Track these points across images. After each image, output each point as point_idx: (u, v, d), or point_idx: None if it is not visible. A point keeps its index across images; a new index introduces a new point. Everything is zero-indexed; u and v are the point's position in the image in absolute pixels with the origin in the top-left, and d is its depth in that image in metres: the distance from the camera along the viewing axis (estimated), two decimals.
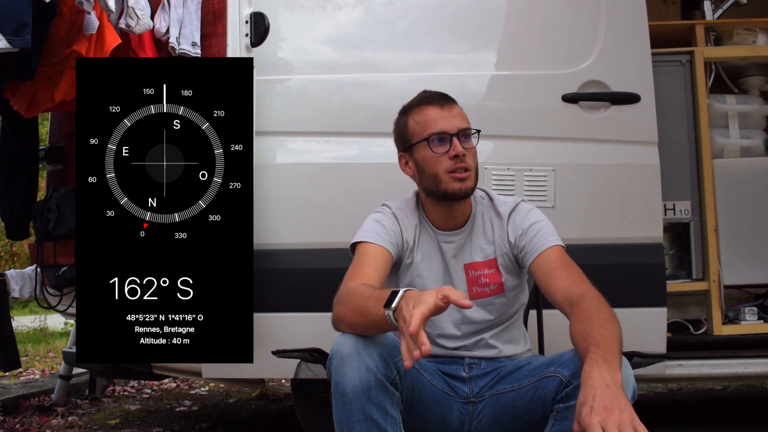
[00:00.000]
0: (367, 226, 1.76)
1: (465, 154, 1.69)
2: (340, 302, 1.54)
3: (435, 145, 1.71)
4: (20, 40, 2.00)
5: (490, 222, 1.79)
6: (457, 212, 1.76)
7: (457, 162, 1.68)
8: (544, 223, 1.74)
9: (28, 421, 3.18)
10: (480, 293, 1.75)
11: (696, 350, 2.58)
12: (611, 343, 1.36)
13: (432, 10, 2.49)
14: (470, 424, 1.66)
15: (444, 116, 1.71)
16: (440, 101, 1.74)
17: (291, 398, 2.78)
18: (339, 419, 1.43)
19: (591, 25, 2.42)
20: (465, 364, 1.74)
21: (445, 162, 1.69)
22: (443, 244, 1.78)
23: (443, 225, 1.78)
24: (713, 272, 2.70)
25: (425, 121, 1.73)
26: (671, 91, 2.73)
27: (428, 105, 1.74)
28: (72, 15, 2.17)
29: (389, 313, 1.35)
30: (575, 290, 1.56)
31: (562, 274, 1.62)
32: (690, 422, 3.06)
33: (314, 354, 1.67)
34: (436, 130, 1.71)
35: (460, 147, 1.68)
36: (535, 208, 1.79)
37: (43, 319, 7.27)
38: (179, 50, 2.27)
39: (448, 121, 1.71)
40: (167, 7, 2.26)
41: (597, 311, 1.46)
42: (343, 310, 1.50)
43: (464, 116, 1.74)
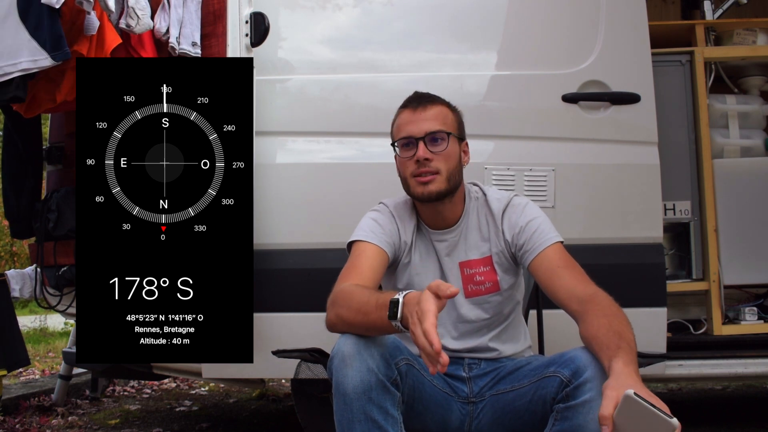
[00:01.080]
0: (364, 225, 1.76)
1: (430, 158, 1.69)
2: (335, 304, 1.54)
3: (402, 149, 1.73)
4: (60, 53, 2.05)
5: (485, 219, 1.78)
6: (444, 212, 1.76)
7: (419, 166, 1.69)
8: (542, 220, 1.73)
9: (28, 421, 3.18)
10: (475, 291, 1.75)
11: (696, 350, 2.58)
12: (634, 349, 1.37)
13: (432, 10, 2.49)
14: (470, 424, 1.66)
15: (413, 120, 1.72)
16: (415, 104, 1.74)
17: (291, 398, 2.78)
18: (340, 419, 1.43)
19: (591, 25, 2.42)
20: (465, 364, 1.74)
21: (411, 166, 1.71)
22: (436, 243, 1.78)
23: (433, 224, 1.79)
24: (713, 272, 2.70)
25: (398, 125, 1.76)
26: (671, 91, 2.74)
27: (404, 109, 1.76)
28: (72, 15, 2.17)
29: (397, 324, 1.37)
30: (584, 290, 1.55)
31: (566, 273, 1.62)
32: (690, 422, 3.05)
33: (314, 354, 1.67)
34: (403, 134, 1.73)
35: (423, 151, 1.69)
36: (531, 202, 1.79)
37: (43, 319, 7.27)
38: (179, 50, 2.27)
39: (417, 125, 1.71)
40: (167, 7, 2.26)
41: (618, 311, 1.46)
42: (340, 313, 1.50)
43: (440, 118, 1.73)
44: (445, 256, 1.77)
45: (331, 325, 1.54)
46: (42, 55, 2.05)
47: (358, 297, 1.49)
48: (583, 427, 1.37)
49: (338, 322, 1.51)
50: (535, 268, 1.68)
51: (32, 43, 2.05)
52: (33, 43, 2.05)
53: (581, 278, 1.60)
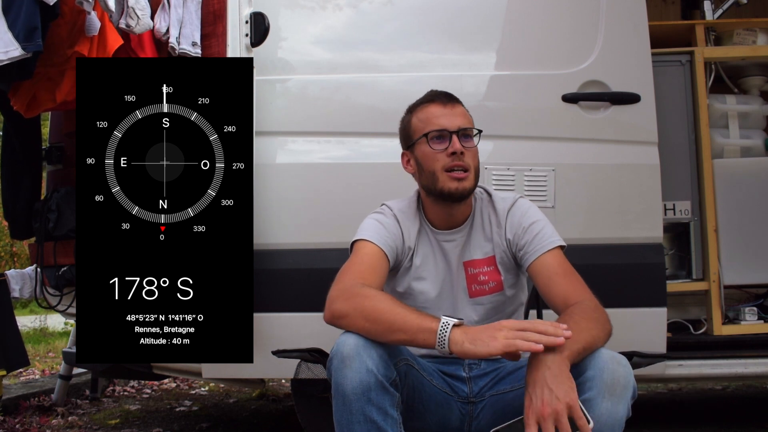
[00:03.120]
0: (368, 225, 1.75)
1: (464, 152, 1.68)
2: (345, 299, 1.51)
3: (434, 141, 1.70)
4: (32, 44, 2.01)
5: (489, 219, 1.78)
6: (457, 211, 1.76)
7: (454, 159, 1.67)
8: (544, 223, 1.73)
9: (28, 421, 3.18)
10: (479, 291, 1.75)
11: (696, 350, 2.58)
12: (579, 336, 1.39)
13: (432, 10, 2.49)
14: (470, 424, 1.66)
15: (446, 114, 1.71)
16: (444, 100, 1.74)
17: (291, 398, 2.78)
18: (339, 420, 1.43)
19: (591, 25, 2.42)
20: (465, 364, 1.74)
21: (443, 159, 1.68)
22: (444, 244, 1.77)
23: (443, 224, 1.78)
24: (713, 272, 2.70)
25: (427, 118, 1.73)
26: (671, 91, 2.74)
27: (432, 103, 1.74)
28: (73, 15, 2.16)
29: (444, 350, 1.40)
30: (575, 298, 1.56)
31: (563, 281, 1.62)
32: (690, 422, 3.06)
33: (314, 354, 1.67)
34: (436, 126, 1.70)
35: (459, 144, 1.68)
36: (534, 205, 1.78)
37: (43, 319, 7.27)
38: (179, 50, 2.27)
39: (449, 119, 1.70)
40: (167, 7, 2.26)
41: (583, 313, 1.48)
42: (351, 310, 1.48)
43: (467, 116, 1.74)
44: (454, 256, 1.77)
45: (335, 316, 1.52)
46: (14, 45, 2.02)
47: (384, 305, 1.48)
48: None
49: (348, 316, 1.49)
50: (533, 271, 1.68)
51: (8, 35, 2.03)
52: (8, 35, 2.03)
53: (577, 286, 1.60)
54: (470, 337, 1.38)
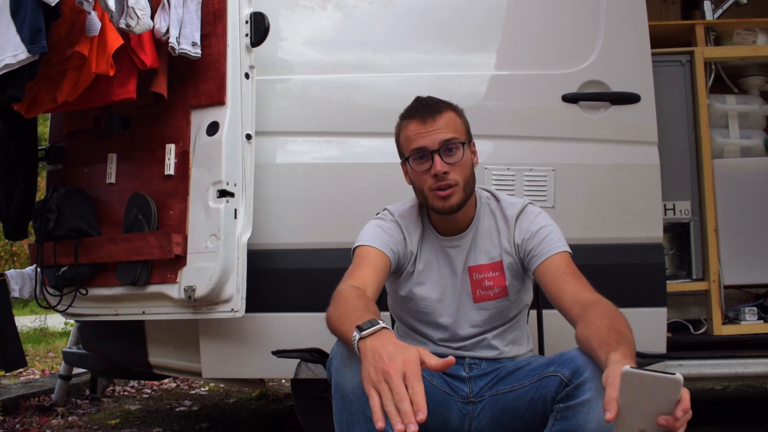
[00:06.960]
0: (369, 230, 1.75)
1: (447, 171, 1.66)
2: (331, 302, 1.53)
3: (417, 162, 1.70)
4: (38, 46, 2.01)
5: (496, 224, 1.78)
6: (458, 219, 1.76)
7: (437, 181, 1.67)
8: (553, 228, 1.73)
9: (28, 421, 3.18)
10: (483, 296, 1.75)
11: (696, 350, 2.58)
12: (633, 348, 1.34)
13: (432, 10, 2.49)
14: (470, 424, 1.66)
15: (425, 132, 1.68)
16: (423, 115, 1.70)
17: (291, 398, 2.78)
18: (339, 420, 1.43)
19: (591, 25, 2.42)
20: (465, 364, 1.74)
21: (428, 180, 1.68)
22: (449, 250, 1.77)
23: (447, 230, 1.78)
24: (713, 272, 2.71)
25: (407, 137, 1.72)
26: (671, 91, 2.74)
27: (411, 120, 1.72)
28: (72, 15, 2.16)
29: (354, 340, 1.32)
30: (589, 296, 1.55)
31: (572, 279, 1.61)
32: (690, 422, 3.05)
33: (314, 354, 1.68)
34: (415, 146, 1.69)
35: (440, 165, 1.66)
36: (544, 212, 1.78)
37: (43, 319, 7.28)
38: (179, 50, 2.27)
39: (430, 138, 1.68)
40: (167, 7, 2.25)
41: (620, 314, 1.45)
42: (329, 312, 1.49)
43: (451, 126, 1.70)
44: (458, 262, 1.77)
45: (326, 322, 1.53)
46: (21, 48, 2.02)
47: (348, 302, 1.46)
48: (583, 427, 1.37)
49: (328, 318, 1.49)
50: (540, 272, 1.67)
51: (16, 39, 2.03)
52: (17, 38, 2.03)
53: (586, 286, 1.60)
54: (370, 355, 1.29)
